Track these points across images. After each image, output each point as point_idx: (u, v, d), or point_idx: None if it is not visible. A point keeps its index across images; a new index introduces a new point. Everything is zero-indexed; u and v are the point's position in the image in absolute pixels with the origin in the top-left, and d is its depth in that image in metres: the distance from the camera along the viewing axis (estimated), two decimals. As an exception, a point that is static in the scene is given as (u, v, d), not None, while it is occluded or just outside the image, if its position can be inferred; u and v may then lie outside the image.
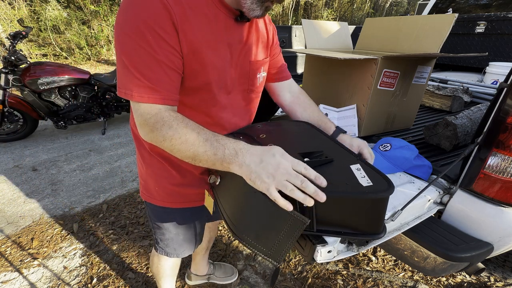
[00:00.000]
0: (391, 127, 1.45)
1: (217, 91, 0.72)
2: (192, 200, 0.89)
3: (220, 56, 0.68)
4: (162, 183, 0.84)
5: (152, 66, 0.58)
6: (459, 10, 2.89)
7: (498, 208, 0.86)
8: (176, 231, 0.94)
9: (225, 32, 0.68)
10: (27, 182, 2.44)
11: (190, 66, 0.64)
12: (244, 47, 0.75)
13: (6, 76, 2.89)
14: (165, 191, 0.85)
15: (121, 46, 0.58)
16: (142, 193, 0.91)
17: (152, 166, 0.83)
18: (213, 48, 0.66)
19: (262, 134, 0.79)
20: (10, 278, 1.52)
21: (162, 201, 0.88)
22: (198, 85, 0.68)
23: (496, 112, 0.82)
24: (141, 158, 0.85)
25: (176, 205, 0.88)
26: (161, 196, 0.87)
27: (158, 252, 1.01)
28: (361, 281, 1.52)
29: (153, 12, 0.55)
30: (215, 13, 0.65)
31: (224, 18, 0.67)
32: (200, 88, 0.69)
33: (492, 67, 2.19)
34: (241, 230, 0.58)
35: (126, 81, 0.59)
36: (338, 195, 0.54)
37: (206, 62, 0.65)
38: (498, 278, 1.53)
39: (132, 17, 0.56)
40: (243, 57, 0.75)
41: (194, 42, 0.62)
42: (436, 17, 1.32)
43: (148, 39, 0.56)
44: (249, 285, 1.51)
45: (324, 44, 1.63)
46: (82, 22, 7.53)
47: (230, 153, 0.56)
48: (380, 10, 15.39)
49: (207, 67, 0.66)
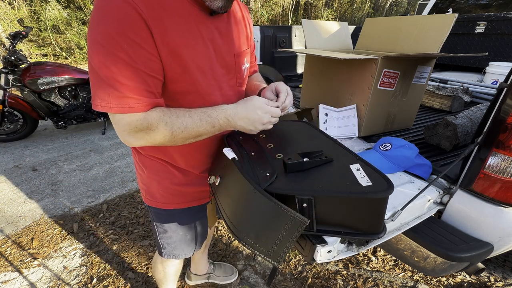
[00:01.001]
0: (391, 127, 1.45)
1: (210, 91, 0.71)
2: (196, 198, 0.89)
3: (203, 54, 0.67)
4: (165, 184, 0.84)
5: (129, 74, 0.56)
6: (459, 10, 2.89)
7: (498, 208, 0.86)
8: (183, 232, 0.94)
9: (203, 29, 0.66)
10: (27, 182, 2.44)
11: (171, 69, 0.62)
12: (226, 40, 0.73)
13: (6, 76, 2.89)
14: (169, 192, 0.85)
15: (95, 57, 0.55)
16: (146, 199, 0.90)
17: (153, 169, 0.83)
18: (193, 47, 0.64)
19: (262, 134, 0.79)
20: (10, 278, 1.52)
21: (167, 204, 0.87)
22: (184, 89, 0.67)
23: (496, 112, 0.82)
24: (141, 164, 0.84)
25: (181, 206, 0.89)
26: (166, 198, 0.86)
27: (165, 257, 0.99)
28: (361, 281, 1.52)
29: (124, 18, 0.53)
30: (189, 10, 0.63)
31: (199, 14, 0.65)
32: (188, 92, 0.68)
33: (492, 67, 2.19)
34: (241, 231, 0.58)
35: (102, 94, 0.57)
36: (338, 195, 0.54)
37: (187, 63, 0.64)
38: (498, 278, 1.53)
39: (103, 25, 0.53)
40: (227, 51, 0.74)
41: (171, 44, 0.60)
42: (436, 17, 1.32)
43: (123, 47, 0.54)
44: (249, 285, 1.51)
45: (324, 44, 1.63)
46: (82, 22, 7.53)
47: (224, 123, 0.69)
48: (380, 10, 15.38)
49: (190, 68, 0.64)
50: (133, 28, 0.54)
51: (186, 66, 0.64)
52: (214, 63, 0.71)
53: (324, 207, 0.56)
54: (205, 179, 0.85)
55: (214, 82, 0.72)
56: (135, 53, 0.55)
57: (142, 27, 0.55)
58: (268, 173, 0.61)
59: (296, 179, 0.59)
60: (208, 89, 0.71)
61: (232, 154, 0.66)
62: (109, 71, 0.55)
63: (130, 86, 0.57)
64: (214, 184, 0.71)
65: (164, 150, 0.79)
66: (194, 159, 0.82)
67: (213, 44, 0.69)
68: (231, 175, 0.64)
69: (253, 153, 0.70)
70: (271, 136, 0.79)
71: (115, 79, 0.55)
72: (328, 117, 1.35)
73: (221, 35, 0.71)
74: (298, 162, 0.62)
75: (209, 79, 0.71)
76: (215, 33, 0.69)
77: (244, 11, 0.83)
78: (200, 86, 0.69)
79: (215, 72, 0.72)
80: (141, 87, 0.58)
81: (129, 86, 0.56)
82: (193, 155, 0.81)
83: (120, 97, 0.57)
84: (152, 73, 0.59)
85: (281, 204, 0.52)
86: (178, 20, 0.61)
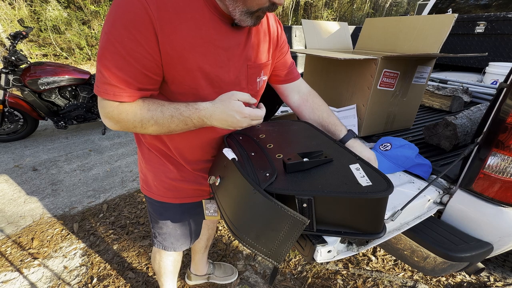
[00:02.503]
0: (391, 127, 1.45)
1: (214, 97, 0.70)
2: (189, 195, 0.90)
3: (211, 61, 0.67)
4: (160, 177, 0.86)
5: (121, 66, 0.59)
6: (459, 10, 2.89)
7: (498, 208, 0.86)
8: (173, 226, 0.96)
9: (220, 37, 0.67)
10: (28, 182, 2.44)
11: (174, 70, 0.64)
12: (243, 51, 0.73)
13: (6, 76, 2.90)
14: (163, 185, 0.87)
15: (100, 42, 0.60)
16: (142, 187, 0.93)
17: (150, 161, 0.86)
18: (202, 52, 0.65)
19: (261, 134, 0.79)
20: (10, 278, 1.53)
21: (160, 196, 0.89)
22: (185, 91, 0.68)
23: (496, 112, 0.82)
24: (141, 154, 0.88)
25: (173, 201, 0.90)
26: (160, 191, 0.88)
27: (156, 246, 1.03)
28: (361, 281, 1.52)
29: (134, 16, 0.56)
30: (207, 19, 0.64)
31: (219, 23, 0.66)
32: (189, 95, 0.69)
33: (492, 67, 2.19)
34: (241, 231, 0.58)
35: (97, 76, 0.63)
36: (338, 195, 0.54)
37: (191, 66, 0.65)
38: (498, 278, 1.53)
39: (114, 18, 0.57)
40: (242, 61, 0.74)
41: (177, 46, 0.61)
42: (436, 17, 1.32)
43: (123, 40, 0.57)
44: (249, 285, 1.51)
45: (324, 44, 1.63)
46: (82, 22, 7.54)
47: (198, 122, 0.67)
48: (380, 10, 15.38)
49: (193, 71, 0.66)
50: (138, 27, 0.57)
51: (190, 69, 0.65)
52: (224, 71, 0.71)
53: (324, 207, 0.56)
54: (200, 178, 0.86)
55: (220, 90, 0.71)
56: (133, 49, 0.58)
57: (148, 27, 0.58)
58: (268, 173, 0.61)
59: (296, 179, 0.59)
60: (212, 96, 0.70)
61: (232, 154, 0.66)
62: (105, 58, 0.59)
63: (119, 76, 0.60)
64: (214, 184, 0.71)
65: (160, 138, 0.80)
66: (189, 153, 0.82)
67: (228, 53, 0.70)
68: (231, 176, 0.64)
69: (253, 153, 0.70)
70: (271, 136, 0.79)
71: (107, 67, 0.59)
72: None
73: (239, 45, 0.72)
74: (298, 162, 0.62)
75: (214, 86, 0.71)
76: (232, 42, 0.70)
77: (272, 22, 0.82)
78: (202, 91, 0.69)
79: (223, 81, 0.72)
80: (129, 80, 0.61)
81: (117, 76, 0.60)
82: (188, 150, 0.82)
83: (107, 83, 0.61)
84: (144, 70, 0.61)
85: (281, 204, 0.52)
86: (191, 25, 0.62)
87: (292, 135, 0.80)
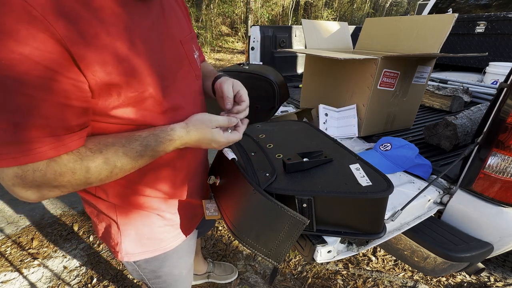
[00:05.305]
0: (391, 127, 1.45)
1: (165, 92, 0.56)
2: (186, 229, 0.79)
3: (145, 49, 0.52)
4: (144, 231, 0.70)
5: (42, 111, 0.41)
6: (459, 10, 2.89)
7: (498, 208, 0.86)
8: (184, 260, 0.84)
9: (139, 19, 0.51)
10: (27, 182, 2.44)
11: (110, 80, 0.46)
12: (166, 27, 0.58)
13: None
14: (156, 235, 0.72)
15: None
16: (127, 256, 0.71)
17: (131, 221, 0.68)
18: (133, 42, 0.49)
19: (261, 134, 0.80)
20: (10, 278, 1.52)
21: (162, 246, 0.73)
22: (138, 97, 0.52)
23: (496, 112, 0.82)
24: (109, 222, 0.68)
25: (177, 242, 0.77)
26: (158, 240, 0.73)
27: None
28: (361, 281, 1.52)
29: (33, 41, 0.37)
30: (122, 2, 0.48)
31: (130, 3, 0.50)
32: (142, 100, 0.53)
33: (492, 67, 2.19)
34: (241, 231, 0.58)
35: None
36: (338, 195, 0.54)
37: (133, 65, 0.49)
38: (498, 278, 1.53)
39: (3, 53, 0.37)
40: (171, 40, 0.59)
41: (104, 50, 0.45)
42: (436, 17, 1.32)
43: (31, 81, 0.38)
44: (249, 285, 1.51)
45: (324, 44, 1.63)
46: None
47: (171, 151, 0.58)
48: (380, 10, 15.40)
49: (136, 70, 0.50)
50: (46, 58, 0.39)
51: (133, 69, 0.50)
52: (162, 57, 0.56)
53: (324, 207, 0.56)
54: (190, 207, 0.78)
55: (167, 82, 0.56)
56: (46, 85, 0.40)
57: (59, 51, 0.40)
58: (268, 173, 0.61)
59: (296, 179, 0.59)
60: (162, 91, 0.55)
61: (232, 154, 0.66)
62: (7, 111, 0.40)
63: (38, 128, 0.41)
64: (214, 184, 0.71)
65: (130, 190, 0.63)
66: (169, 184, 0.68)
67: (153, 33, 0.54)
68: (231, 176, 0.64)
69: (253, 153, 0.70)
70: (271, 136, 0.79)
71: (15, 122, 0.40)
72: (328, 117, 1.35)
73: (159, 19, 0.56)
74: (298, 162, 0.62)
75: (161, 77, 0.55)
76: (151, 19, 0.54)
77: None
78: (152, 87, 0.53)
79: (167, 67, 0.57)
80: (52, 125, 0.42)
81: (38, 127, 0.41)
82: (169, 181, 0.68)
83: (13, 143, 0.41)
84: (69, 102, 0.43)
85: (281, 204, 0.52)
86: (113, 21, 0.47)
87: (292, 135, 0.80)
